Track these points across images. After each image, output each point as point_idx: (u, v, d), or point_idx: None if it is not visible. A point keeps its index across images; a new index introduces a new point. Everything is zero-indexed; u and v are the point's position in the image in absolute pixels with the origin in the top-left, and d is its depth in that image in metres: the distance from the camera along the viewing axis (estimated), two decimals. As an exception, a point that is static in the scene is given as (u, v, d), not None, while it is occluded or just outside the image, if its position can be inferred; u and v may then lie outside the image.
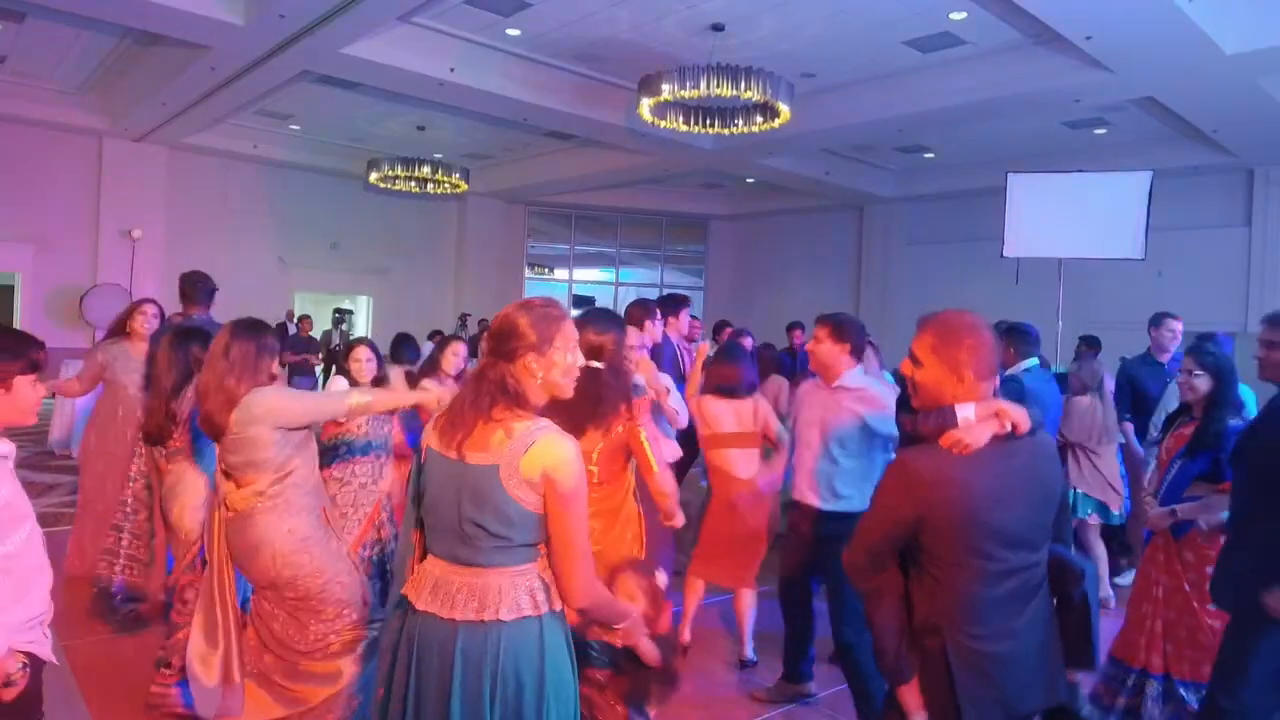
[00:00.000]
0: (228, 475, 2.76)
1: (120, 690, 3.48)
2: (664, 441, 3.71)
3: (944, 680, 1.92)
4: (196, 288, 4.79)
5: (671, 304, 5.30)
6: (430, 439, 1.91)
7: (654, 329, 4.67)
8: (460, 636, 1.80)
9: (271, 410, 2.71)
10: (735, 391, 4.03)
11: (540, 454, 1.78)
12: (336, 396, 3.17)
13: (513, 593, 1.82)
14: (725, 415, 4.04)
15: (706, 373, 4.37)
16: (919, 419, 1.98)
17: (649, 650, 2.15)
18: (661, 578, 2.30)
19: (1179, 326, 5.64)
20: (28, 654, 1.85)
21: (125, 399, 4.73)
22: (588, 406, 2.73)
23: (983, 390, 1.95)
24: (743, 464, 4.02)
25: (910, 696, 1.96)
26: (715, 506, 4.11)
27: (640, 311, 4.56)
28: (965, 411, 1.91)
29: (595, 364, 2.82)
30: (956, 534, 1.88)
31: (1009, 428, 1.92)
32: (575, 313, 2.92)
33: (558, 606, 1.88)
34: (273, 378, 2.85)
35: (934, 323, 2.02)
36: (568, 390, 1.93)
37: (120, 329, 4.88)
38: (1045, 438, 2.06)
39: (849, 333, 3.39)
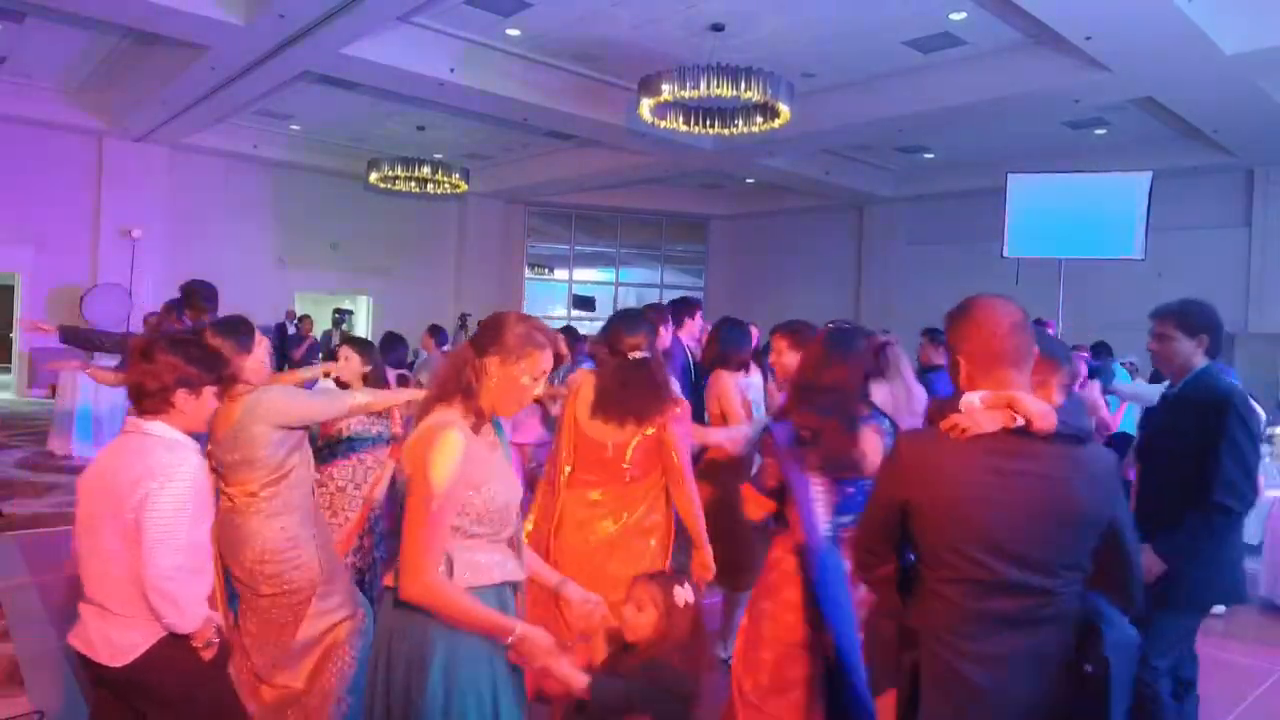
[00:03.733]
0: (216, 472, 2.73)
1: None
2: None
3: (910, 702, 1.74)
4: (202, 296, 4.81)
5: (683, 308, 5.26)
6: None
7: (665, 334, 4.70)
8: (384, 599, 1.92)
9: (274, 410, 2.71)
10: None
11: (420, 436, 1.83)
12: (338, 396, 3.13)
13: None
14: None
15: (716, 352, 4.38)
16: (928, 405, 1.89)
17: (566, 676, 1.85)
18: (686, 593, 2.07)
19: None
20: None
21: None
22: (646, 393, 2.85)
23: (999, 378, 1.73)
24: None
25: (884, 713, 1.80)
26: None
27: (654, 316, 4.56)
28: (971, 396, 1.74)
29: (642, 354, 2.93)
30: (938, 525, 1.72)
31: (1020, 422, 1.67)
32: (576, 313, 2.96)
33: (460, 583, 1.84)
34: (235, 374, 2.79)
35: (953, 308, 1.87)
36: (507, 412, 1.96)
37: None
38: (1094, 454, 1.76)
39: (807, 339, 3.16)
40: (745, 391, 4.06)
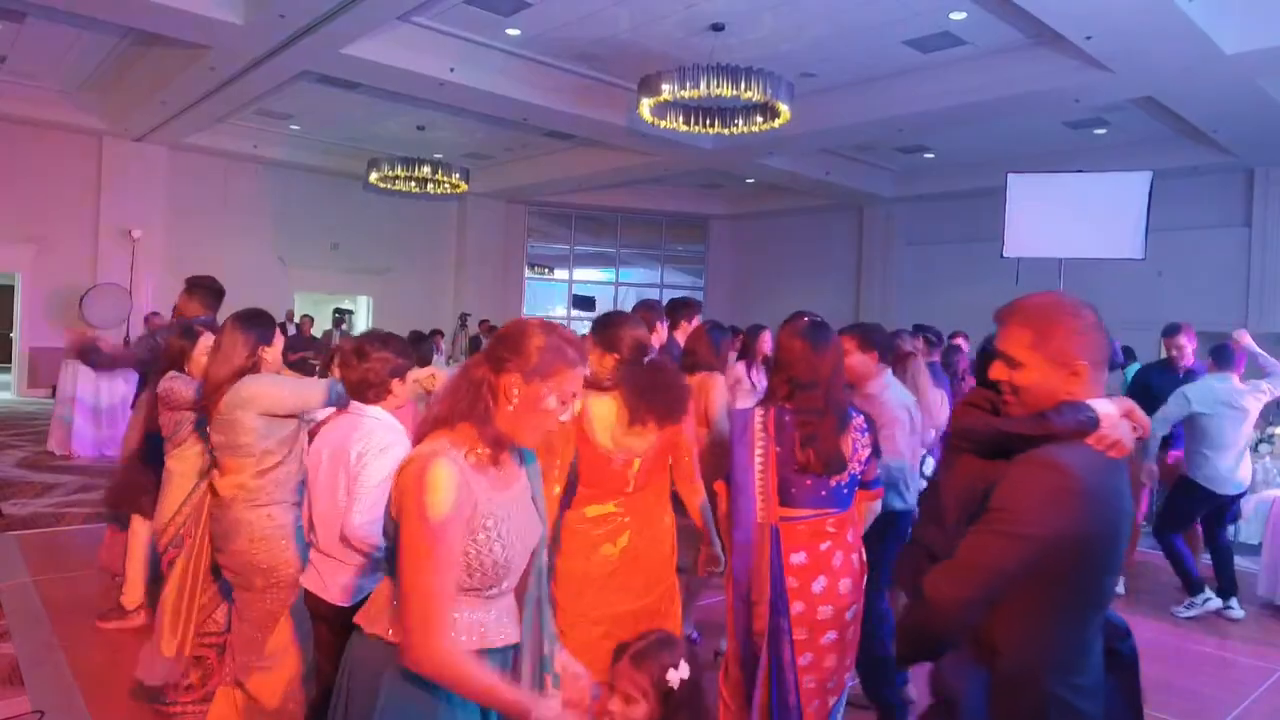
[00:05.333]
0: (214, 461, 2.89)
1: (120, 690, 3.48)
2: None
3: None
4: (212, 291, 4.76)
5: (682, 309, 5.24)
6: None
7: (662, 331, 4.70)
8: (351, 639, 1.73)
9: (256, 396, 2.80)
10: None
11: (409, 471, 1.56)
12: (317, 383, 3.05)
13: (378, 605, 1.66)
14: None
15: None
16: (1045, 418, 1.59)
17: None
18: (680, 672, 1.80)
19: (1182, 341, 5.67)
20: None
21: None
22: (662, 397, 2.76)
23: (1103, 383, 1.63)
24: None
25: None
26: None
27: (650, 314, 4.57)
28: (1106, 407, 1.56)
29: (653, 357, 2.86)
30: (1102, 559, 1.53)
31: (1139, 432, 1.59)
32: (576, 313, 2.95)
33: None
34: (256, 364, 2.92)
35: (1021, 311, 1.65)
36: (528, 441, 1.68)
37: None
38: None
39: (876, 340, 3.35)
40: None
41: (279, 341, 3.05)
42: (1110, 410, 1.55)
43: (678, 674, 1.79)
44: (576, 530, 2.84)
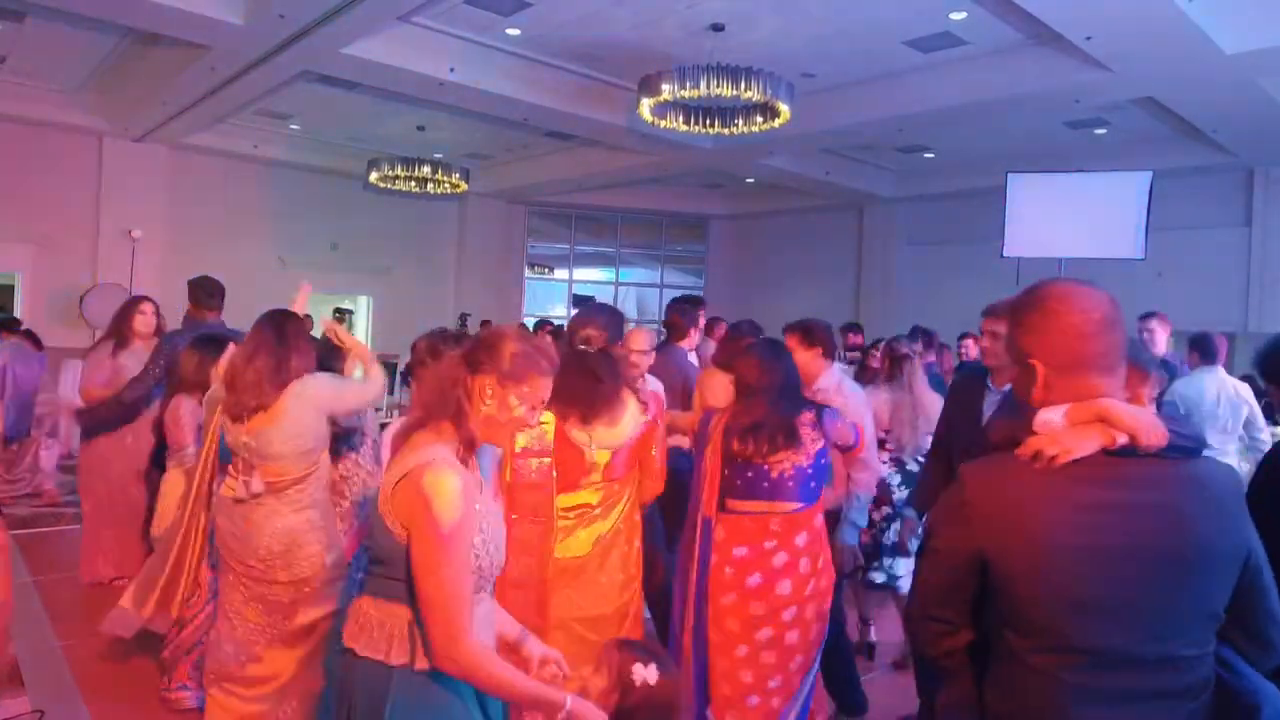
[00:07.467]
0: (234, 462, 2.78)
1: (120, 690, 3.48)
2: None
3: None
4: (207, 292, 4.77)
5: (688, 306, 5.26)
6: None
7: (696, 335, 4.73)
8: (341, 662, 1.71)
9: (323, 396, 2.79)
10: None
11: (411, 484, 1.58)
12: (370, 382, 3.12)
13: (373, 628, 1.63)
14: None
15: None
16: (990, 424, 1.55)
17: None
18: (648, 674, 1.81)
19: (1154, 325, 5.53)
20: None
21: None
22: (588, 386, 2.76)
23: (1087, 389, 1.37)
24: None
25: None
26: None
27: (684, 319, 4.60)
28: (1048, 414, 1.38)
29: (584, 348, 2.86)
30: (1027, 583, 1.31)
31: (1122, 440, 1.31)
32: (576, 311, 2.98)
33: (421, 665, 1.60)
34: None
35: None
36: (496, 440, 1.75)
37: (119, 331, 4.87)
38: (1212, 468, 1.40)
39: (818, 337, 3.45)
40: None
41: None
42: (1050, 418, 1.37)
43: (643, 673, 1.82)
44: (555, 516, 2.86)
